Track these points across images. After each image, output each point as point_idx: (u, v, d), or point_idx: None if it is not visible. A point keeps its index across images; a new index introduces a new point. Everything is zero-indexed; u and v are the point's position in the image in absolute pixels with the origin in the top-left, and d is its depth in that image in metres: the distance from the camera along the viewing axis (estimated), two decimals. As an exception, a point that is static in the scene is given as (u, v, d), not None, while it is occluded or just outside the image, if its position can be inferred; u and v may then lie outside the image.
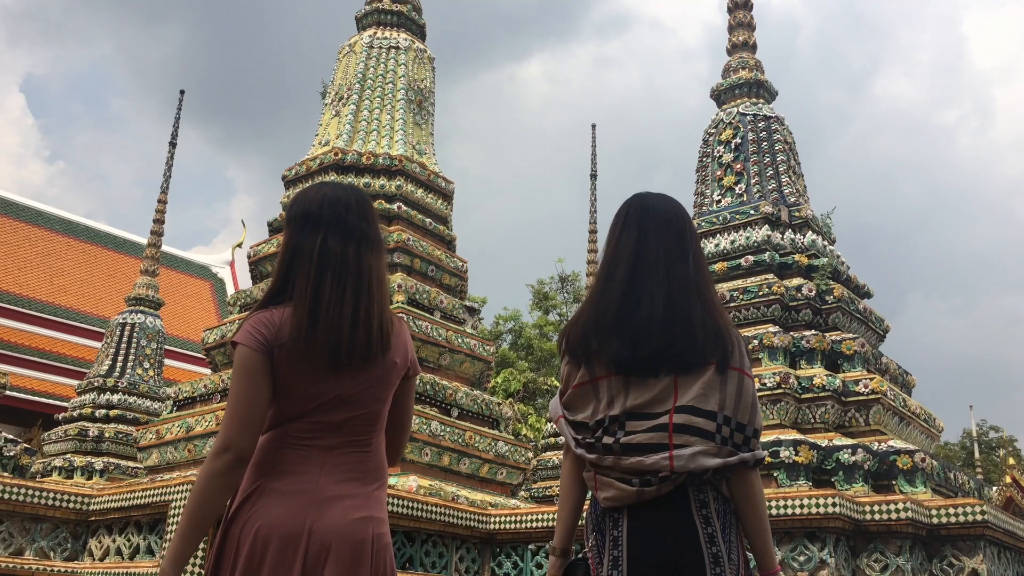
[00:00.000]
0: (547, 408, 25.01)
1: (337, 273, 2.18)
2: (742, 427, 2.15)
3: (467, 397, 8.84)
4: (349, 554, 2.06)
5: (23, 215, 27.78)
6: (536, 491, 13.93)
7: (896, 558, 6.01)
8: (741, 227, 8.69)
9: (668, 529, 2.11)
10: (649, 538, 2.11)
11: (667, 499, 2.13)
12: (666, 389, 2.16)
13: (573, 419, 2.28)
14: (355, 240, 2.23)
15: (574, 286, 31.61)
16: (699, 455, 2.10)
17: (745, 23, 9.99)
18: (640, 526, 2.12)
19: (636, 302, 2.23)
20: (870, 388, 7.44)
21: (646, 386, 2.17)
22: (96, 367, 14.25)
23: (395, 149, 10.01)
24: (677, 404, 2.14)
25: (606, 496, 2.18)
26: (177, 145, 15.71)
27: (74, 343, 24.44)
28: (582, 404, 2.27)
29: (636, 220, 2.35)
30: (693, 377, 2.15)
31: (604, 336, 2.23)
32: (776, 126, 9.33)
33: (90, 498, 7.52)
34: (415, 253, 9.35)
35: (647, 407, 2.16)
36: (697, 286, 2.27)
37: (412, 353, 2.34)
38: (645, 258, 2.28)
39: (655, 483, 2.11)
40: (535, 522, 7.23)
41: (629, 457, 2.13)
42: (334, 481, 2.12)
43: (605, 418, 2.20)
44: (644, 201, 2.40)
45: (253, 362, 2.11)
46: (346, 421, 2.17)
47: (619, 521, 2.16)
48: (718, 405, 2.14)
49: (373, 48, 10.61)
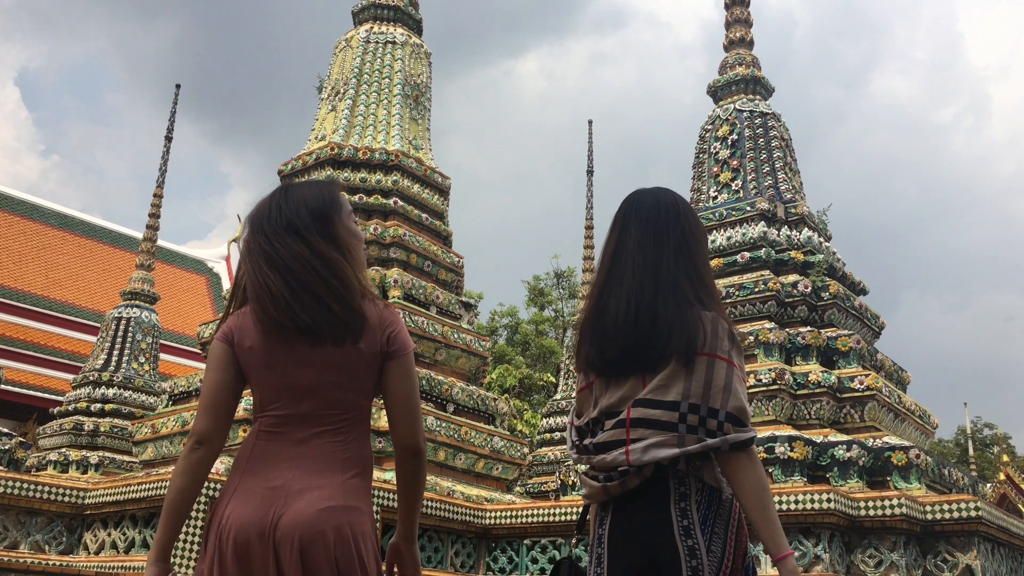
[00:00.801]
0: (542, 404, 25.09)
1: (272, 265, 2.22)
2: (714, 412, 2.12)
3: (463, 393, 8.85)
4: (308, 547, 2.05)
5: (18, 209, 27.71)
6: (532, 486, 13.95)
7: (890, 553, 6.03)
8: (737, 223, 8.69)
9: (642, 524, 2.12)
10: (625, 534, 2.14)
11: (646, 494, 2.14)
12: (633, 387, 2.20)
13: (579, 424, 2.36)
14: (291, 234, 2.27)
15: (570, 282, 31.64)
16: (652, 447, 2.10)
17: (742, 19, 9.99)
18: (618, 522, 2.17)
19: (604, 307, 2.29)
20: (865, 384, 7.46)
21: (618, 386, 2.22)
22: (91, 361, 14.23)
23: (391, 144, 10.00)
24: (635, 398, 2.16)
25: (583, 494, 2.28)
26: (173, 139, 15.70)
27: (69, 337, 24.39)
28: (585, 408, 2.35)
29: (620, 221, 2.41)
30: (658, 372, 2.17)
31: (583, 341, 2.33)
32: (772, 122, 9.33)
33: (85, 492, 7.52)
34: (411, 248, 9.34)
35: (616, 406, 2.20)
36: (674, 279, 2.26)
37: (393, 333, 2.29)
38: (622, 259, 2.33)
39: (616, 478, 2.14)
40: (530, 517, 7.24)
41: (598, 455, 2.20)
42: (304, 473, 2.13)
43: (590, 420, 2.28)
44: (632, 200, 2.44)
45: (216, 351, 2.25)
46: (312, 412, 2.19)
47: (604, 519, 2.21)
48: (681, 394, 2.12)
49: (369, 43, 10.59)
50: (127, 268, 22.93)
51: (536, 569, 7.18)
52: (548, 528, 7.16)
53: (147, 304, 14.56)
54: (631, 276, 2.28)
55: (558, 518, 7.08)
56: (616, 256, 2.35)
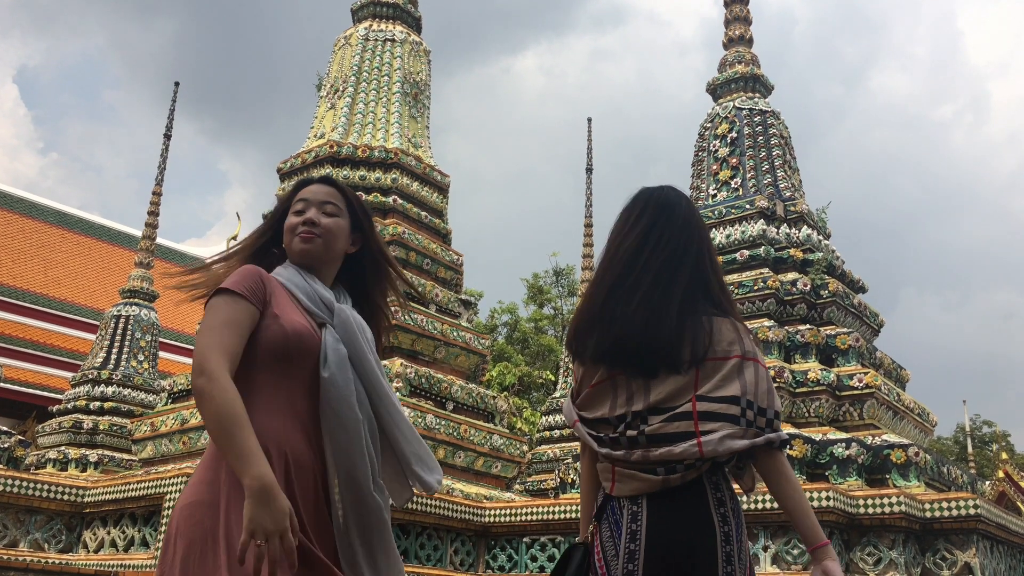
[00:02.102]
0: (542, 402, 25.06)
1: None
2: (763, 411, 2.21)
3: (462, 391, 8.85)
4: None
5: (17, 207, 27.69)
6: (531, 484, 13.95)
7: (889, 551, 6.03)
8: (736, 221, 8.70)
9: (686, 525, 2.14)
10: (667, 533, 2.13)
11: (686, 494, 2.17)
12: (683, 383, 2.22)
13: (591, 417, 2.31)
14: None
15: (568, 280, 31.62)
16: (727, 438, 2.15)
17: (741, 17, 9.98)
18: (659, 520, 2.14)
19: (627, 299, 2.28)
20: (864, 382, 7.46)
21: (662, 382, 2.22)
22: (91, 359, 14.22)
23: (391, 142, 10.00)
24: (697, 394, 2.20)
25: (627, 488, 2.20)
26: (171, 137, 15.67)
27: (68, 335, 24.37)
28: (599, 402, 2.30)
29: (643, 214, 2.39)
30: (711, 371, 2.22)
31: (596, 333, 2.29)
32: (772, 120, 9.33)
33: (84, 490, 7.52)
34: (410, 246, 9.34)
35: (667, 401, 2.21)
36: (707, 281, 2.34)
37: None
38: (649, 253, 2.32)
39: (680, 471, 2.15)
40: (530, 515, 7.25)
41: (657, 448, 2.16)
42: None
43: (627, 413, 2.23)
44: (655, 196, 2.44)
45: None
46: None
47: (638, 515, 2.17)
48: (740, 390, 2.20)
49: (369, 41, 10.58)
50: (126, 266, 22.92)
51: (535, 567, 7.19)
52: (547, 526, 7.17)
53: (146, 302, 14.55)
54: (664, 272, 2.29)
55: (557, 516, 7.08)
56: (640, 249, 2.33)
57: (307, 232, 2.30)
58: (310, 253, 2.31)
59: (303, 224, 2.31)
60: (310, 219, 2.32)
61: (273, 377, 2.14)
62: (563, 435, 14.91)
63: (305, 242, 2.30)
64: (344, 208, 2.39)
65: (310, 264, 2.32)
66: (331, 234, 2.33)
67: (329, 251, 2.34)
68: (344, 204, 2.40)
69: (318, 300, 2.24)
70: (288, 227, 2.34)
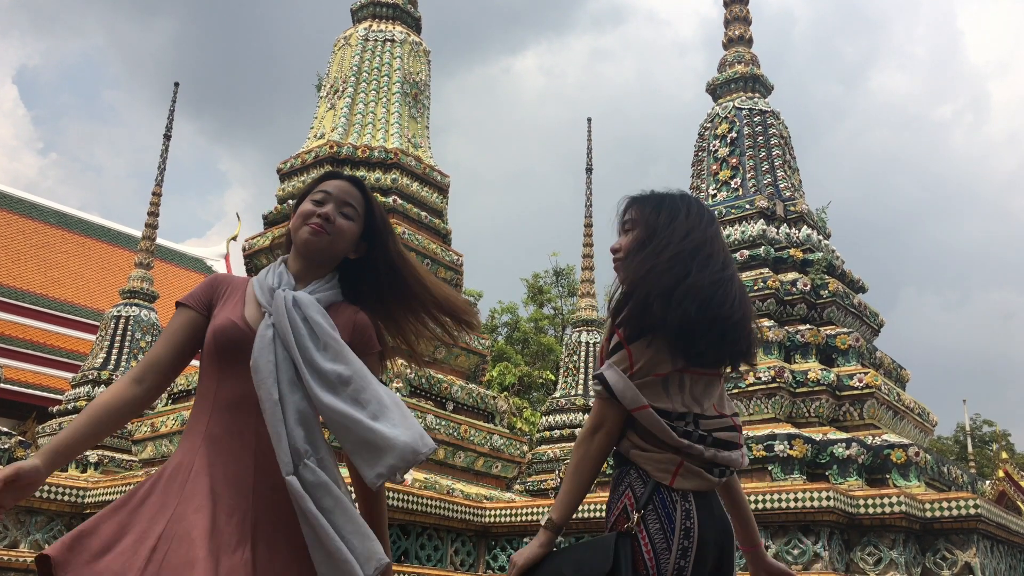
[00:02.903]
0: (542, 402, 25.00)
1: None
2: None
3: (462, 391, 8.85)
4: None
5: (16, 207, 27.70)
6: (531, 484, 13.94)
7: (889, 551, 6.03)
8: (736, 221, 8.70)
9: (722, 527, 2.26)
10: (710, 532, 2.20)
11: (716, 498, 2.31)
12: (719, 387, 2.34)
13: (656, 407, 2.21)
14: None
15: (569, 280, 31.60)
16: (744, 454, 2.35)
17: (741, 17, 9.98)
18: (706, 518, 2.20)
19: (723, 298, 2.25)
20: (864, 382, 7.46)
21: (713, 384, 2.31)
22: (91, 360, 14.22)
23: (390, 142, 10.00)
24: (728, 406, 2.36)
25: (689, 484, 2.20)
26: (171, 137, 15.67)
27: (68, 336, 24.38)
28: (662, 394, 2.22)
29: (707, 220, 2.38)
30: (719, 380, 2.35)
31: (700, 326, 2.20)
32: (772, 120, 9.33)
33: (85, 491, 7.52)
34: (410, 247, 9.33)
35: (718, 408, 2.32)
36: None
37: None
38: (724, 259, 2.35)
39: (726, 476, 2.29)
40: (530, 515, 7.25)
41: (724, 451, 2.25)
42: None
43: (688, 412, 2.23)
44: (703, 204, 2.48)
45: None
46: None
47: (691, 512, 2.16)
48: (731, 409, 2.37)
49: (368, 41, 10.58)
50: (126, 266, 22.92)
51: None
52: (548, 526, 7.16)
53: (146, 302, 14.56)
54: (736, 279, 2.34)
55: (558, 516, 7.07)
56: (715, 252, 2.32)
57: (318, 225, 2.28)
58: (314, 246, 2.29)
59: (318, 216, 2.29)
60: (326, 213, 2.30)
61: (214, 374, 2.18)
62: (563, 435, 14.87)
63: (313, 234, 2.28)
64: (361, 214, 2.37)
65: (309, 256, 2.31)
66: (340, 236, 2.31)
67: (331, 251, 2.32)
68: (363, 210, 2.38)
69: (266, 290, 2.21)
70: (302, 212, 2.32)
